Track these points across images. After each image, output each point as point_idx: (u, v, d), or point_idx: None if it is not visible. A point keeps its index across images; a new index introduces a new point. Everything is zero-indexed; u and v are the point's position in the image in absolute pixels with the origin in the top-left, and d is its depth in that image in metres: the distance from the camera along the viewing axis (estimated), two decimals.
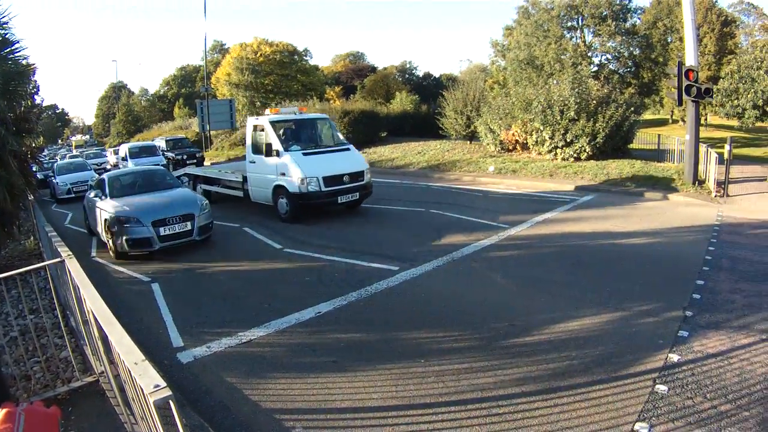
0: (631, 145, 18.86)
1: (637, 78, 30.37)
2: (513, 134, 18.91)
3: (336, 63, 64.51)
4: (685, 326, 5.04)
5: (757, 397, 3.83)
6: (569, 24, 29.79)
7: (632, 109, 17.86)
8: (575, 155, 16.81)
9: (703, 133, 26.28)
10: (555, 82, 20.82)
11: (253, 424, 3.58)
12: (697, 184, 13.17)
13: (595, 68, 29.06)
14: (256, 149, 11.43)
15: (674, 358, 4.44)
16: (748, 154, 22.46)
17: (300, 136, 11.68)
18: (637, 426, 3.54)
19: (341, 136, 12.39)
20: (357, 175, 11.05)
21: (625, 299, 5.88)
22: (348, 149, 11.66)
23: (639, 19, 32.22)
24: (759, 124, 24.82)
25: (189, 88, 68.19)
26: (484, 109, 20.71)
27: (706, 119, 35.37)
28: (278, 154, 10.71)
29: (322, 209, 11.23)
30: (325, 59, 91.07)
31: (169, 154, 24.16)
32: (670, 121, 40.19)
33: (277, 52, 44.75)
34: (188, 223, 8.89)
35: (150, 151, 22.76)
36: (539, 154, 18.06)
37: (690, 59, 13.35)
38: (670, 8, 35.23)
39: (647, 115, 37.09)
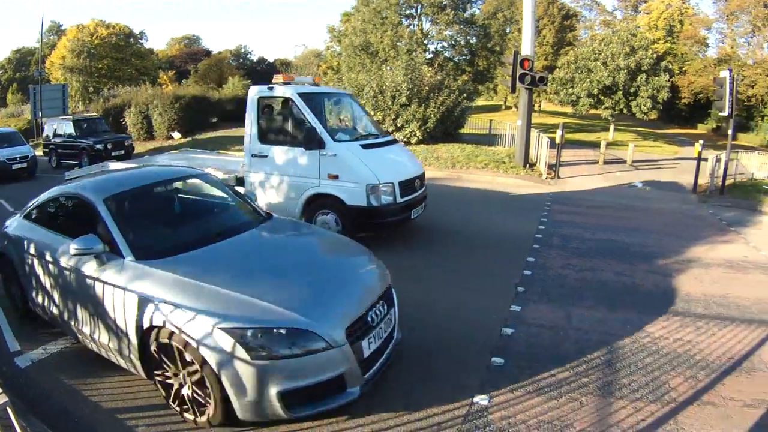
0: (463, 130, 20.31)
1: (472, 66, 32.94)
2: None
3: (171, 47, 63.18)
4: (518, 301, 5.37)
5: (595, 363, 4.14)
6: (408, 12, 31.40)
7: (465, 95, 19.16)
8: (405, 140, 17.52)
9: (537, 119, 29.28)
10: (389, 68, 21.66)
11: (95, 425, 3.61)
12: (528, 167, 14.36)
13: (430, 55, 30.96)
14: (270, 136, 7.90)
15: (508, 331, 4.68)
16: (582, 139, 25.37)
17: (328, 119, 8.52)
18: (476, 398, 3.64)
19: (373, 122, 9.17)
20: (422, 179, 8.16)
21: (456, 278, 6.07)
22: (397, 141, 8.85)
23: (479, 9, 34.95)
24: (593, 111, 28.01)
25: (24, 73, 62.28)
26: None
27: (539, 106, 39.45)
28: (321, 144, 7.33)
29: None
30: (160, 42, 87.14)
31: (83, 143, 17.87)
32: (503, 107, 44.46)
33: (113, 34, 44.12)
34: (391, 314, 3.98)
35: (11, 138, 17.64)
36: None
37: (526, 49, 14.52)
38: (512, 0, 38.79)
39: (481, 102, 40.52)
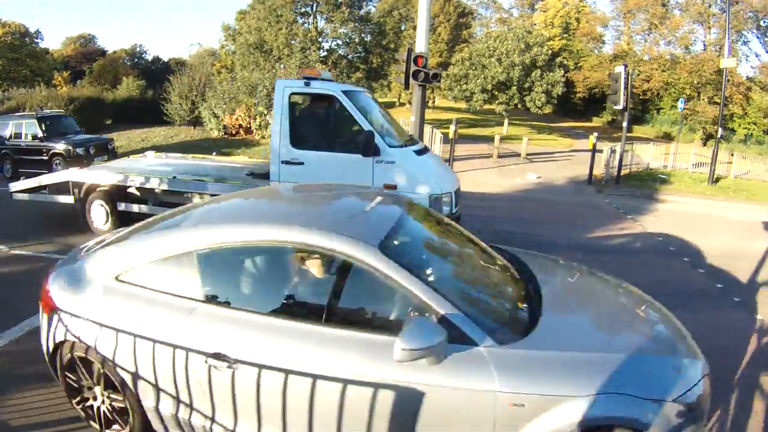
0: None
1: (366, 63, 33.77)
2: (237, 119, 19.39)
3: (66, 46, 60.34)
4: None
5: None
6: (303, 10, 31.87)
7: None
8: None
9: (431, 114, 30.63)
10: (282, 66, 22.26)
11: None
12: None
13: (325, 53, 31.64)
14: (305, 140, 7.00)
15: None
16: (476, 134, 26.50)
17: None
18: None
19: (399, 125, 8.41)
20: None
21: None
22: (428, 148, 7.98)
23: (374, 7, 36.09)
24: (487, 106, 29.56)
25: None
26: (210, 93, 20.92)
27: (434, 102, 41.34)
28: (376, 151, 6.68)
29: None
30: (56, 42, 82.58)
31: (54, 146, 13.88)
32: (398, 104, 45.67)
33: (8, 33, 41.90)
34: None
35: None
36: (263, 137, 18.85)
37: (420, 46, 15.15)
38: None
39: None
